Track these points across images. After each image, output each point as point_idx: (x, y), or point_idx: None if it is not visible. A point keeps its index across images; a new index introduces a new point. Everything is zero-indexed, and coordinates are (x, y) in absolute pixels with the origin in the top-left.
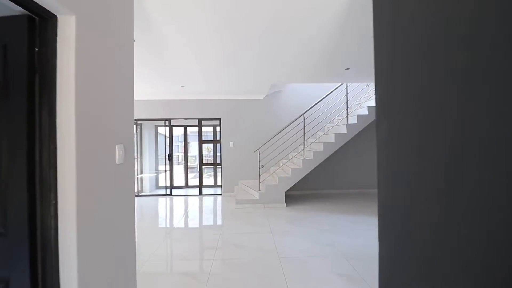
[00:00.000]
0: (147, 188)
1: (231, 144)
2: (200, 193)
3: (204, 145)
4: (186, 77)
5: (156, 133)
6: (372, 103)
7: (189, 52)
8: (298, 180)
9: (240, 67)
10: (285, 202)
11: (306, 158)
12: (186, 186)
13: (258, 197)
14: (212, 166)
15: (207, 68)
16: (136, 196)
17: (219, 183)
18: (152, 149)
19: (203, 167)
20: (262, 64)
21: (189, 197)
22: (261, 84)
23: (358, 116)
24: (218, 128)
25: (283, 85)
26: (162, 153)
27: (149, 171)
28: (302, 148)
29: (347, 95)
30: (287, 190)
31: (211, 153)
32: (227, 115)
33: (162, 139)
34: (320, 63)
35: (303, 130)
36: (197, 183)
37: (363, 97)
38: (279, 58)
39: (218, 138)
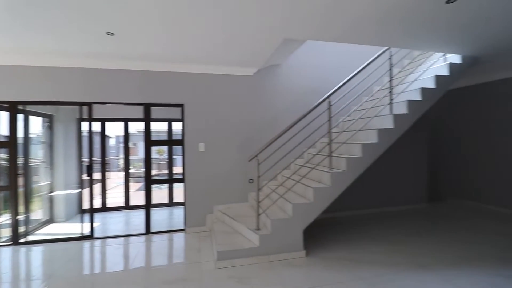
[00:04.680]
0: (62, 214)
1: (201, 147)
2: (147, 231)
3: (154, 149)
4: (117, 12)
5: (79, 130)
6: (425, 82)
7: None
8: (327, 206)
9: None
10: (303, 245)
11: (335, 171)
12: (127, 206)
13: (258, 243)
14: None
15: None
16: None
17: (176, 199)
18: (72, 155)
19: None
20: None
21: (129, 240)
22: (264, 42)
23: (410, 102)
24: (177, 124)
25: (285, 55)
26: (92, 158)
27: (65, 187)
28: (326, 153)
29: (391, 69)
30: None
31: (168, 157)
32: (195, 100)
33: (96, 138)
34: None
35: (328, 123)
36: (145, 201)
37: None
38: None
39: (175, 138)
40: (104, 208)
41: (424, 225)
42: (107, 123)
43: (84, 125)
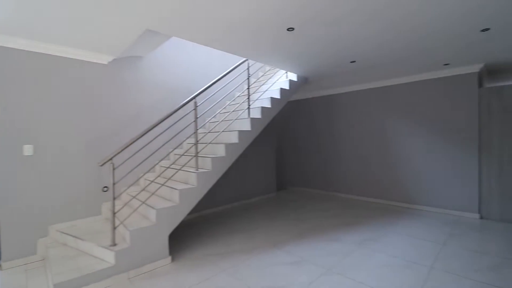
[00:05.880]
0: None
1: (27, 149)
2: None
3: None
4: None
5: None
6: (273, 93)
7: None
8: (193, 206)
9: None
10: (169, 251)
11: (201, 171)
12: None
13: (114, 261)
14: None
15: None
16: None
17: None
18: None
19: None
20: None
21: None
22: (122, 28)
23: (263, 108)
24: None
25: (149, 48)
26: None
27: None
28: (193, 153)
29: (248, 78)
30: None
31: None
32: (16, 85)
33: None
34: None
35: (194, 124)
36: None
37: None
38: None
39: None
40: None
41: (273, 211)
42: None
43: None
